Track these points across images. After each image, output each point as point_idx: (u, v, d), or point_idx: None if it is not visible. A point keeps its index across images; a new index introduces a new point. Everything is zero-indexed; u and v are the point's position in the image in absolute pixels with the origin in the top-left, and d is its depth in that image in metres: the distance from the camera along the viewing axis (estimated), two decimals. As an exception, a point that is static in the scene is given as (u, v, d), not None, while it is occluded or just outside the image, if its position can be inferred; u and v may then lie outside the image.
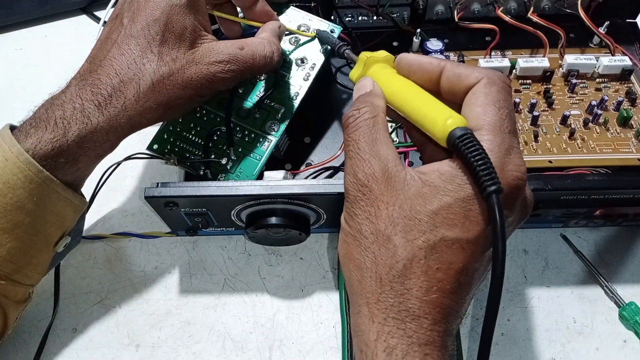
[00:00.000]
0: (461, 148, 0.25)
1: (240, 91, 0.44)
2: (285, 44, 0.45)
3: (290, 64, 0.44)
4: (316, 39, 0.45)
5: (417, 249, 0.26)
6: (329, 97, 0.50)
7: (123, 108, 0.35)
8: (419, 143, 0.33)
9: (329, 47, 0.44)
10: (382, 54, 0.34)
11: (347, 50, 0.40)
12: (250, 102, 0.44)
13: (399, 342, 0.26)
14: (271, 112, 0.43)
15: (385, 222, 0.27)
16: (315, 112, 0.49)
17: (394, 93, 0.31)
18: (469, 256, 0.26)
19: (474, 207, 0.26)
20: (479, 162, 0.25)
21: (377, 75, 0.33)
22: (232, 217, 0.42)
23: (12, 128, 0.35)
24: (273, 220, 0.40)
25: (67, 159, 0.34)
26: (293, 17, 0.45)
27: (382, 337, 0.26)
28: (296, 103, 0.43)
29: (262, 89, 0.44)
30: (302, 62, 0.44)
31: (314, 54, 0.44)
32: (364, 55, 0.34)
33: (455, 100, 0.30)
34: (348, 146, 0.30)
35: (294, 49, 0.45)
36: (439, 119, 0.27)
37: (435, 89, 0.30)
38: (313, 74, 0.44)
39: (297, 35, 0.45)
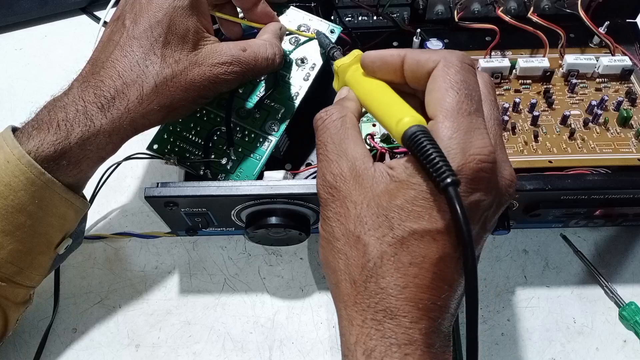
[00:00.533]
0: (412, 147, 0.25)
1: (240, 91, 0.44)
2: (285, 44, 0.45)
3: (290, 64, 0.44)
4: (316, 39, 0.45)
5: (387, 245, 0.26)
6: (329, 97, 0.50)
7: (126, 110, 0.35)
8: None
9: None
10: (351, 56, 0.34)
11: (335, 53, 0.40)
12: (250, 102, 0.44)
13: (378, 344, 0.25)
14: (271, 112, 0.43)
15: (354, 221, 0.27)
16: (315, 112, 0.49)
17: (361, 96, 0.31)
18: (442, 247, 0.25)
19: (439, 197, 0.25)
20: (429, 159, 0.24)
21: (350, 81, 0.33)
22: (232, 217, 0.42)
23: (14, 130, 0.35)
24: (273, 220, 0.40)
25: (69, 162, 0.34)
26: (293, 17, 0.45)
27: (361, 340, 0.26)
28: (296, 103, 0.43)
29: (262, 89, 0.44)
30: (302, 62, 0.44)
31: (314, 54, 0.44)
32: (335, 65, 0.34)
33: (421, 88, 0.29)
34: (318, 149, 0.30)
35: (294, 49, 0.45)
36: (393, 119, 0.27)
37: (401, 81, 0.30)
38: (313, 74, 0.44)
39: (297, 35, 0.45)
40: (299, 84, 0.44)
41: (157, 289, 0.46)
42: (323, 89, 0.49)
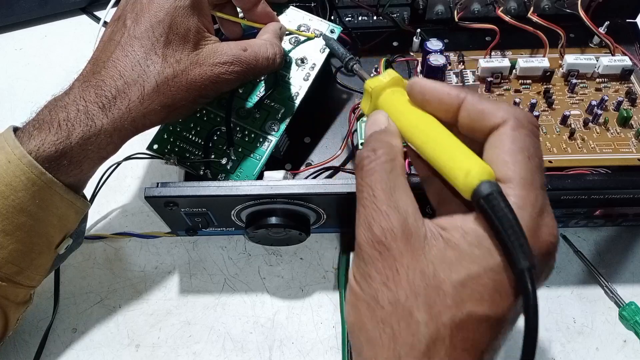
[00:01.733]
0: (488, 211, 0.22)
1: (241, 91, 0.44)
2: (285, 44, 0.45)
3: (290, 64, 0.44)
4: (316, 39, 0.45)
5: (442, 326, 0.23)
6: (329, 97, 0.50)
7: (127, 110, 0.35)
8: (425, 176, 0.30)
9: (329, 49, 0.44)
10: (387, 77, 0.30)
11: (355, 66, 0.38)
12: (250, 102, 0.44)
13: None
14: (271, 112, 0.43)
15: (406, 290, 0.23)
16: (315, 112, 0.49)
17: (408, 128, 0.28)
18: (496, 334, 0.23)
19: (504, 279, 0.22)
20: (509, 232, 0.22)
21: (389, 106, 0.29)
22: (232, 217, 0.42)
23: (15, 129, 0.35)
24: (273, 220, 0.40)
25: (70, 161, 0.34)
26: (293, 17, 0.45)
27: None
28: (296, 103, 0.43)
29: (262, 89, 0.44)
30: (302, 62, 0.44)
31: (314, 54, 0.44)
32: (368, 86, 0.30)
33: (475, 138, 0.26)
34: (362, 192, 0.26)
35: (294, 49, 0.45)
36: (462, 168, 0.24)
37: (451, 121, 0.27)
38: (313, 74, 0.44)
39: (297, 35, 0.45)
40: (299, 84, 0.44)
41: (157, 289, 0.46)
42: (323, 88, 0.50)
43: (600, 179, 0.38)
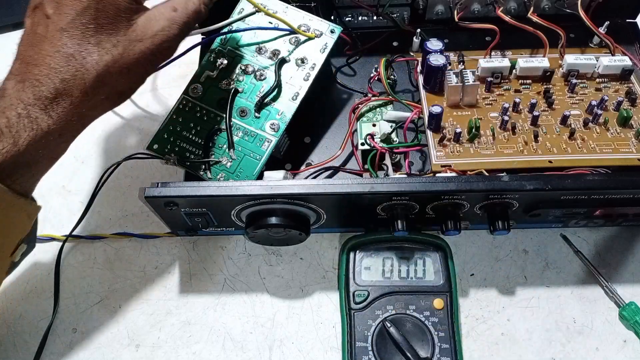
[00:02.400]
0: None
1: (241, 90, 0.44)
2: (285, 44, 0.45)
3: (291, 64, 0.44)
4: (316, 39, 0.45)
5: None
6: (329, 97, 0.50)
7: (72, 107, 0.33)
8: None
9: (329, 47, 0.44)
10: None
11: None
12: (250, 102, 0.44)
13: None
14: (271, 112, 0.43)
15: None
16: (315, 112, 0.49)
17: None
18: None
19: None
20: None
21: None
22: (232, 217, 0.42)
23: None
24: (273, 220, 0.40)
25: (19, 168, 0.32)
26: (293, 17, 0.45)
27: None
28: (296, 103, 0.43)
29: (263, 89, 0.44)
30: (302, 62, 0.44)
31: (314, 54, 0.44)
32: None
33: None
34: None
35: (294, 49, 0.45)
36: None
37: None
38: (313, 74, 0.44)
39: (297, 35, 0.45)
40: (299, 84, 0.44)
41: (157, 289, 0.46)
42: (323, 88, 0.50)
43: (600, 179, 0.38)
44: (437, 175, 0.41)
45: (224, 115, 0.43)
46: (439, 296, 0.42)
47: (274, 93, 0.44)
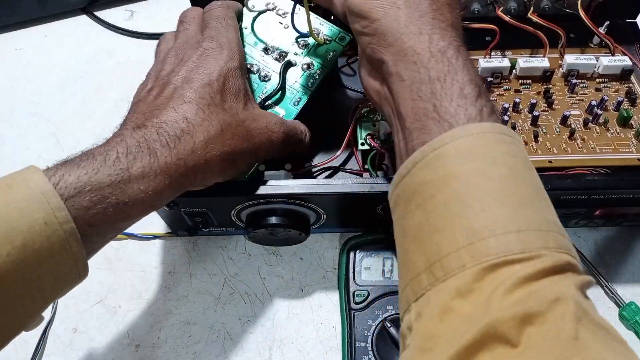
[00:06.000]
0: None
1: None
2: (294, 47, 0.45)
3: (297, 68, 0.44)
4: (325, 45, 0.44)
5: None
6: (329, 98, 0.50)
7: (191, 151, 0.32)
8: None
9: (337, 55, 0.44)
10: None
11: None
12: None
13: (449, 45, 0.30)
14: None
15: None
16: (316, 113, 0.49)
17: None
18: None
19: None
20: None
21: None
22: (232, 217, 0.42)
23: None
24: (273, 220, 0.40)
25: (118, 202, 0.29)
26: (305, 20, 0.45)
27: (434, 43, 0.30)
28: (298, 109, 0.43)
29: (266, 90, 0.44)
30: (309, 67, 0.44)
31: (322, 60, 0.44)
32: None
33: None
34: None
35: (302, 53, 0.45)
36: None
37: None
38: (318, 81, 0.44)
39: (306, 39, 0.45)
40: (302, 90, 0.44)
41: (157, 289, 0.46)
42: (324, 89, 0.49)
43: (600, 179, 0.38)
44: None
45: None
46: (439, 296, 0.42)
47: (277, 96, 0.43)
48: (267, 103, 0.43)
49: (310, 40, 0.45)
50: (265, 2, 0.46)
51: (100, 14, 0.65)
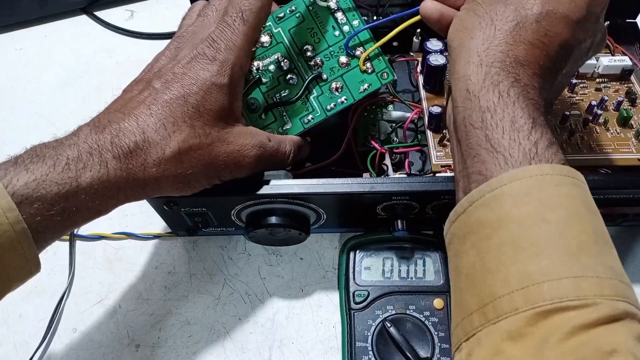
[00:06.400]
0: None
1: (263, 82, 0.41)
2: (334, 59, 0.41)
3: (325, 86, 0.41)
4: (365, 74, 0.41)
5: (530, 15, 0.31)
6: (342, 126, 0.49)
7: (142, 169, 0.32)
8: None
9: (371, 89, 0.41)
10: None
11: None
12: (265, 98, 0.41)
13: (505, 79, 0.30)
14: (277, 120, 0.42)
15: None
16: (324, 136, 0.48)
17: None
18: (571, 34, 0.31)
19: None
20: None
21: None
22: (232, 217, 0.42)
23: None
24: (273, 220, 0.40)
25: (65, 210, 0.30)
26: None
27: (490, 75, 0.30)
28: (304, 127, 0.41)
29: (284, 93, 0.41)
30: (337, 90, 0.41)
31: (352, 90, 0.41)
32: None
33: None
34: None
35: (339, 71, 0.41)
36: None
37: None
38: (337, 109, 0.41)
39: (350, 59, 0.41)
40: (319, 110, 0.41)
41: (157, 289, 0.46)
42: (341, 119, 0.48)
43: (600, 179, 0.38)
44: (437, 175, 0.41)
45: None
46: (439, 296, 0.42)
47: (291, 106, 0.41)
48: (278, 107, 0.41)
49: (353, 62, 0.41)
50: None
51: (100, 14, 0.65)
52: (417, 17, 0.38)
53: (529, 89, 0.30)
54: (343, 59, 0.41)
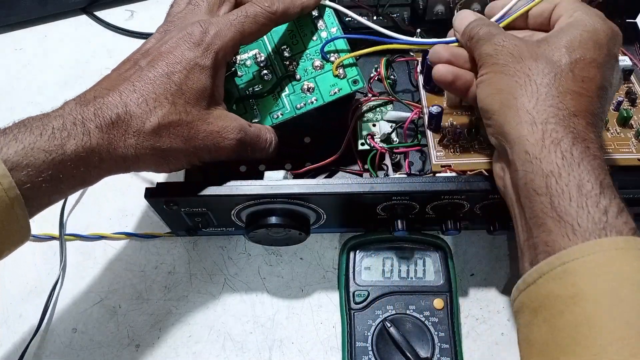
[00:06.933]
0: None
1: (239, 75, 0.42)
2: (309, 61, 0.42)
3: (297, 85, 0.42)
4: (337, 79, 0.42)
5: (564, 63, 0.31)
6: (325, 123, 0.49)
7: (122, 139, 0.33)
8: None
9: (340, 95, 0.42)
10: None
11: None
12: (239, 91, 0.42)
13: (564, 136, 0.29)
14: (247, 113, 0.42)
15: (535, 51, 0.33)
16: (316, 113, 0.49)
17: None
18: (602, 76, 0.32)
19: (599, 36, 0.32)
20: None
21: None
22: (232, 217, 0.42)
23: None
24: (273, 220, 0.40)
25: (53, 177, 0.31)
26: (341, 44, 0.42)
27: (548, 133, 0.29)
28: (272, 122, 0.42)
29: (257, 88, 0.42)
30: (308, 91, 0.42)
31: (323, 93, 0.42)
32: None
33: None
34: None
35: (312, 73, 0.42)
36: None
37: None
38: (305, 109, 0.42)
39: (324, 62, 0.42)
40: (289, 108, 0.42)
41: (157, 289, 0.46)
42: (342, 119, 0.48)
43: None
44: (437, 175, 0.41)
45: None
46: (439, 296, 0.42)
47: (262, 100, 0.42)
48: (250, 101, 0.42)
49: (327, 66, 0.42)
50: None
51: (100, 14, 0.65)
52: (391, 46, 0.40)
53: (589, 143, 0.29)
54: (317, 62, 0.42)
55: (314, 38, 0.42)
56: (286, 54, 0.43)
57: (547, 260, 0.27)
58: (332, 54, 0.42)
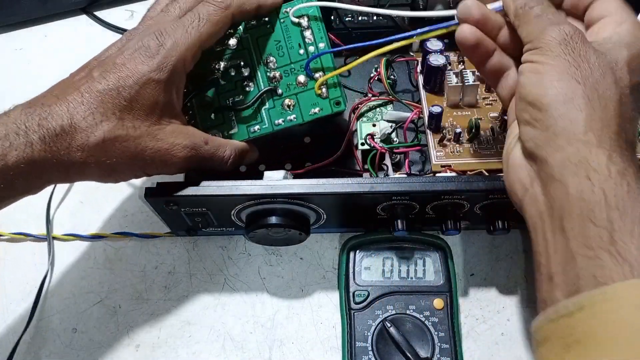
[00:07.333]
0: None
1: (223, 83, 0.41)
2: (293, 76, 0.41)
3: (277, 100, 0.41)
4: (319, 98, 0.41)
5: (624, 85, 0.29)
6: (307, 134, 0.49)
7: (66, 152, 0.33)
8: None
9: (319, 115, 0.41)
10: None
11: None
12: (219, 99, 0.41)
13: (628, 166, 0.27)
14: (225, 123, 0.41)
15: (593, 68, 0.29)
16: (299, 127, 0.48)
17: None
18: None
19: None
20: None
21: None
22: (232, 217, 0.42)
23: None
24: (273, 220, 0.40)
25: None
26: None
27: (612, 161, 0.27)
28: (249, 136, 0.41)
29: (237, 98, 0.41)
30: (289, 108, 0.41)
31: (304, 110, 0.41)
32: None
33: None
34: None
35: (295, 90, 0.41)
36: None
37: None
38: (285, 126, 0.41)
39: (308, 79, 0.41)
40: (267, 123, 0.41)
41: (157, 289, 0.46)
42: (341, 119, 0.48)
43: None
44: (437, 175, 0.41)
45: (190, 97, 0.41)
46: (439, 296, 0.42)
47: (242, 112, 0.41)
48: (229, 111, 0.41)
49: (310, 83, 0.41)
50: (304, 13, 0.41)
51: (100, 14, 0.65)
52: (382, 50, 0.38)
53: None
54: (301, 78, 0.41)
55: (301, 52, 0.41)
56: (271, 65, 0.41)
57: (588, 295, 0.25)
58: (317, 71, 0.41)
